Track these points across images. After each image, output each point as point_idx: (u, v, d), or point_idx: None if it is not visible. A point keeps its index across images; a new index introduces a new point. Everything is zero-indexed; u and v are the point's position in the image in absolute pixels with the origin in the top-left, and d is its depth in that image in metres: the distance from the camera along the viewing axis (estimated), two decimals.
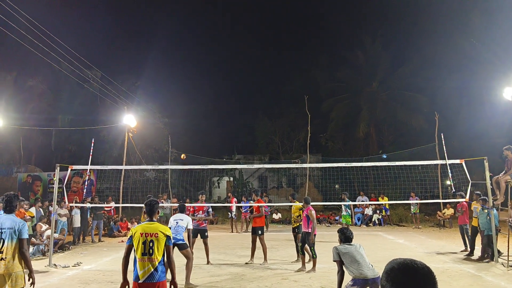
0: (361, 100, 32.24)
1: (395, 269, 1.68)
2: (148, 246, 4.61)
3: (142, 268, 4.58)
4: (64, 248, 13.81)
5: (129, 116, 21.39)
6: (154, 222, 4.89)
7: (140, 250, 4.62)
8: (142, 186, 23.74)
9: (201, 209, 11.35)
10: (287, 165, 23.73)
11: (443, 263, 10.72)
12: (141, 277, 4.55)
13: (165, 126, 29.23)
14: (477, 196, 12.05)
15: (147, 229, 4.72)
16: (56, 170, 11.80)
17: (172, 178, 26.41)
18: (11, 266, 5.05)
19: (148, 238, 4.64)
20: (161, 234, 4.72)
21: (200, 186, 23.17)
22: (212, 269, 10.22)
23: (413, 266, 1.65)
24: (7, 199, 5.40)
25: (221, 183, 33.31)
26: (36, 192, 23.43)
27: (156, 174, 28.13)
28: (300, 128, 33.68)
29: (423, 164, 17.27)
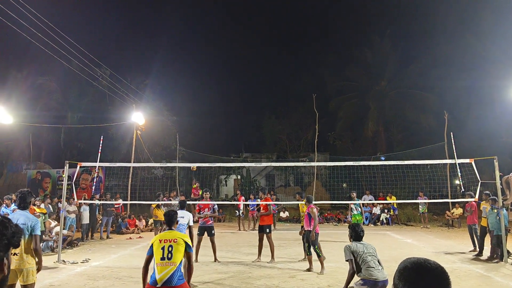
0: (369, 99, 32.11)
1: (408, 268, 1.66)
2: (167, 251, 4.69)
3: (160, 272, 4.60)
4: (72, 245, 13.91)
5: (138, 114, 21.47)
6: (173, 230, 5.09)
7: (159, 255, 4.68)
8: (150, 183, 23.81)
9: (206, 206, 11.34)
10: (295, 163, 23.67)
11: (451, 263, 10.65)
12: (159, 281, 4.56)
13: (173, 124, 29.31)
14: (487, 196, 11.95)
15: (165, 236, 4.86)
16: (65, 167, 11.88)
17: (180, 176, 26.48)
18: (23, 262, 5.13)
19: (167, 243, 4.74)
20: (181, 240, 4.82)
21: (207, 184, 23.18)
22: (219, 267, 10.23)
23: (427, 265, 1.64)
24: (21, 196, 5.49)
25: (229, 181, 33.37)
26: (45, 189, 23.62)
27: (164, 172, 28.23)
28: (308, 127, 33.66)
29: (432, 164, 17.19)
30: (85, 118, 27.31)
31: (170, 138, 28.09)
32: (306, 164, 23.62)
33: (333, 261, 10.21)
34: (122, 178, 21.55)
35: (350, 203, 15.78)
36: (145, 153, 24.28)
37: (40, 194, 21.49)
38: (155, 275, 4.60)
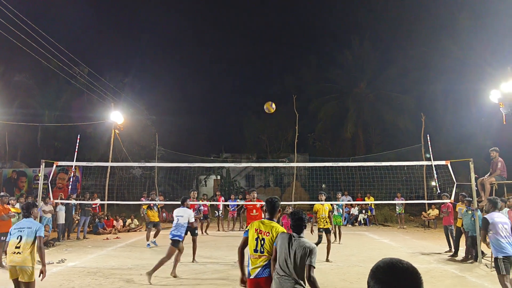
0: (349, 101, 32.40)
1: (380, 268, 1.67)
2: (260, 244, 4.55)
3: (253, 264, 4.54)
4: (48, 245, 13.66)
5: (116, 113, 21.22)
6: (273, 221, 4.75)
7: (253, 246, 4.57)
8: (128, 183, 23.56)
9: (192, 207, 11.35)
10: (275, 164, 23.77)
11: (427, 263, 10.81)
12: (252, 273, 4.53)
13: (152, 124, 29.05)
14: (463, 197, 12.18)
15: (261, 227, 4.65)
16: (41, 166, 11.67)
17: (158, 176, 26.26)
18: (25, 260, 5.91)
19: (260, 236, 4.57)
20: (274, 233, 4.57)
21: (187, 184, 23.06)
22: (197, 267, 10.19)
23: (399, 265, 1.65)
24: (26, 206, 6.36)
25: (208, 181, 33.23)
26: (21, 188, 23.15)
27: (142, 172, 27.95)
28: (288, 128, 33.74)
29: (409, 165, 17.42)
30: (62, 116, 26.84)
31: (149, 137, 27.83)
32: (286, 164, 23.72)
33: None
34: (99, 178, 21.27)
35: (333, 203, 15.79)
36: (124, 153, 24.00)
37: (16, 193, 21.06)
38: (249, 266, 4.56)
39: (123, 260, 11.27)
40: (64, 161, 15.21)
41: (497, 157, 10.87)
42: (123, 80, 29.77)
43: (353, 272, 9.65)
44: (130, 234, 17.73)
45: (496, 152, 10.92)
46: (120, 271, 9.73)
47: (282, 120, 35.14)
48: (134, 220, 19.46)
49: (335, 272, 9.63)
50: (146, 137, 28.04)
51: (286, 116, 33.12)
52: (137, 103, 28.27)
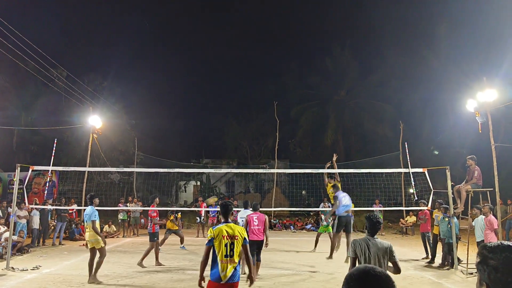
0: (329, 108, 32.68)
1: (353, 276, 1.66)
2: (230, 248, 4.77)
3: (224, 269, 4.70)
4: (23, 251, 13.35)
5: (95, 117, 20.92)
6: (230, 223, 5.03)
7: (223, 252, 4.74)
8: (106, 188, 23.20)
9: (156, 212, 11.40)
10: (255, 170, 23.74)
11: (404, 270, 10.85)
12: (223, 278, 4.67)
13: (131, 128, 28.75)
14: (439, 204, 12.34)
15: (229, 232, 4.85)
16: (16, 170, 11.41)
17: (137, 181, 25.98)
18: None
19: (229, 240, 4.79)
20: (240, 236, 4.90)
21: (166, 190, 22.87)
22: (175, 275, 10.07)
23: (371, 273, 1.64)
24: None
25: (188, 187, 33.03)
26: None
27: (120, 177, 27.60)
28: (269, 134, 33.84)
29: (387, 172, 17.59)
30: (39, 120, 26.30)
31: (128, 142, 27.53)
32: (267, 171, 23.73)
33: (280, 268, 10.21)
34: (76, 183, 20.91)
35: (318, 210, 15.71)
36: (102, 158, 23.66)
37: None
38: (219, 271, 4.68)
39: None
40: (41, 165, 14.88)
41: (473, 165, 11.05)
42: (102, 84, 29.42)
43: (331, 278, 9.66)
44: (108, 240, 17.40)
45: (473, 160, 11.10)
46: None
47: (263, 126, 35.24)
48: (111, 226, 19.17)
49: (315, 280, 9.63)
50: (125, 141, 27.74)
51: (267, 122, 33.24)
52: (116, 107, 27.97)
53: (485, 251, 1.81)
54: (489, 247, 1.81)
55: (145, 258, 10.99)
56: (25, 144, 28.14)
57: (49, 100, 28.14)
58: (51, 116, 25.89)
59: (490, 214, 9.68)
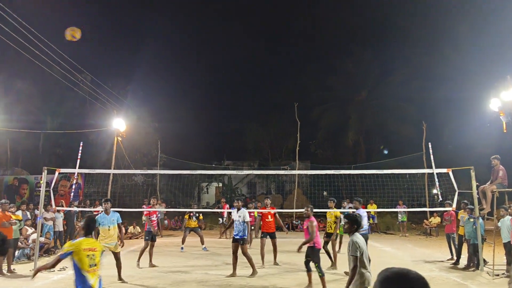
0: (350, 109, 32.46)
1: (389, 278, 1.66)
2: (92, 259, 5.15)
3: (92, 277, 5.07)
4: (49, 252, 13.66)
5: (119, 120, 21.28)
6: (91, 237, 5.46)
7: (88, 262, 5.09)
8: (130, 190, 23.57)
9: (154, 213, 11.70)
10: (276, 171, 23.74)
11: (429, 271, 10.79)
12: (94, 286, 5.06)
13: (154, 131, 29.11)
14: (465, 205, 12.17)
15: (89, 245, 5.22)
16: (43, 173, 11.70)
17: (160, 183, 26.29)
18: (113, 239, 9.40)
19: (91, 252, 5.18)
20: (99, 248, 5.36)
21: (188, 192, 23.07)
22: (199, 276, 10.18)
23: (408, 276, 1.64)
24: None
25: (210, 188, 33.24)
26: (23, 195, 23.17)
27: (144, 179, 27.97)
28: (289, 135, 33.76)
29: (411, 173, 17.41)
30: (65, 124, 26.90)
31: (151, 144, 27.88)
32: (288, 172, 23.72)
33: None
34: (101, 185, 21.29)
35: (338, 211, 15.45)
36: (126, 160, 24.04)
37: (17, 201, 21.09)
38: (88, 281, 5.02)
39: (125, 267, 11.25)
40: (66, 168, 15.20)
41: (498, 165, 10.87)
42: (125, 87, 29.91)
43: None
44: (132, 241, 17.71)
45: (497, 160, 10.92)
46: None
47: (284, 127, 35.19)
48: (136, 228, 19.47)
49: (338, 282, 9.60)
50: (148, 144, 28.10)
51: (288, 124, 33.19)
52: (139, 110, 28.37)
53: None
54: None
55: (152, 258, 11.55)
56: (51, 148, 28.80)
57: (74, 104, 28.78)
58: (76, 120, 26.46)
59: None
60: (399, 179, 19.46)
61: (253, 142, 36.92)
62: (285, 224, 23.06)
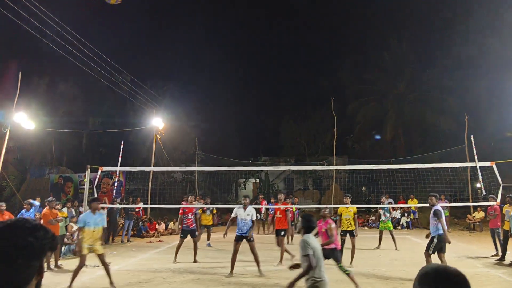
0: (388, 102, 31.91)
1: (429, 274, 1.66)
2: None
3: None
4: None
5: (157, 119, 21.72)
6: None
7: None
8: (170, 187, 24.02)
9: (190, 210, 11.67)
10: (313, 167, 23.66)
11: (473, 267, 10.52)
12: None
13: (192, 129, 29.54)
14: (510, 199, 11.77)
15: None
16: (86, 171, 12.11)
17: (198, 179, 26.67)
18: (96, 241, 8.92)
19: None
20: None
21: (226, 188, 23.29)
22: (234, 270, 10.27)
23: (447, 272, 1.64)
24: None
25: (247, 184, 33.44)
26: (68, 193, 24.02)
27: (183, 176, 28.46)
28: (326, 130, 33.55)
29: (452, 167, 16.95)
30: (106, 123, 27.69)
31: (189, 142, 28.32)
32: (325, 167, 23.58)
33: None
34: (142, 182, 21.82)
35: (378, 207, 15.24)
36: (165, 157, 24.52)
37: (62, 198, 21.90)
38: None
39: (166, 263, 11.53)
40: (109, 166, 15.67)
41: None
42: (163, 87, 30.49)
43: (396, 277, 9.50)
44: (172, 237, 18.07)
45: None
46: (163, 274, 9.98)
47: (320, 122, 35.00)
48: (176, 224, 19.84)
49: (378, 276, 9.51)
50: (186, 142, 28.56)
51: (324, 119, 32.98)
52: (177, 109, 28.85)
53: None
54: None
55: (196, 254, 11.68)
56: (94, 146, 29.72)
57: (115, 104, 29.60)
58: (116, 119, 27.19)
59: None
60: (441, 173, 18.99)
61: (289, 137, 36.89)
62: None
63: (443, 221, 9.01)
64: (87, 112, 29.37)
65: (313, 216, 5.38)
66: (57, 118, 26.74)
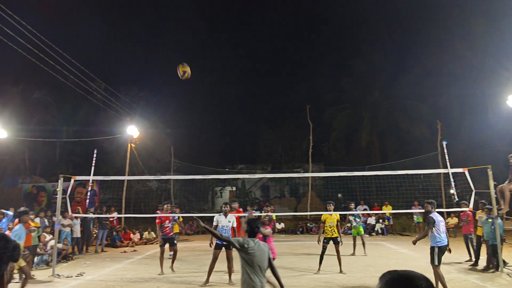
0: (362, 109, 32.31)
1: (394, 280, 1.66)
2: None
3: None
4: (67, 258, 13.82)
5: (132, 127, 21.45)
6: None
7: None
8: (145, 196, 23.71)
9: (167, 219, 11.44)
10: (289, 174, 23.73)
11: (447, 273, 10.64)
12: None
13: (167, 137, 29.27)
14: (483, 205, 11.99)
15: None
16: (59, 180, 11.85)
17: (174, 188, 26.40)
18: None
19: None
20: None
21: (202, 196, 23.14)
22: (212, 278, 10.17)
23: (413, 278, 1.64)
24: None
25: (224, 193, 33.29)
26: (41, 203, 23.45)
27: (158, 184, 28.13)
28: (302, 138, 33.73)
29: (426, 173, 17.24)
30: (80, 131, 27.21)
31: (164, 150, 28.04)
32: (301, 175, 23.69)
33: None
34: (116, 191, 21.48)
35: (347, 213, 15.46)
36: (140, 166, 24.22)
37: (36, 208, 21.37)
38: None
39: (141, 272, 11.34)
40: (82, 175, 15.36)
41: None
42: (138, 95, 30.14)
43: (371, 282, 9.55)
44: (147, 247, 17.82)
45: None
46: (138, 284, 9.80)
47: (296, 130, 35.17)
48: (151, 233, 19.57)
49: (352, 284, 9.55)
50: (162, 150, 28.26)
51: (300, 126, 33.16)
52: (152, 116, 28.57)
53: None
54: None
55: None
56: (67, 155, 29.15)
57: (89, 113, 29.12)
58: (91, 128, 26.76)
59: None
60: (414, 179, 19.29)
61: (266, 145, 36.93)
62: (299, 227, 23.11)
63: (430, 227, 8.77)
64: (61, 120, 28.82)
65: (258, 222, 5.55)
66: (31, 127, 26.18)
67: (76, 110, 29.38)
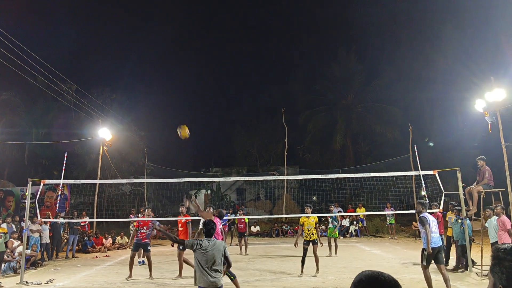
0: (337, 113, 32.58)
1: (362, 282, 1.68)
2: None
3: None
4: (36, 265, 13.45)
5: (104, 130, 21.09)
6: None
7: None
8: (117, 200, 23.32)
9: (146, 224, 11.23)
10: (264, 177, 23.70)
11: (419, 273, 10.76)
12: None
13: (141, 140, 28.89)
14: (452, 206, 12.22)
15: None
16: (28, 184, 11.53)
17: (148, 192, 26.07)
18: None
19: None
20: None
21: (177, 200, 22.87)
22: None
23: (380, 278, 1.66)
24: None
25: (199, 196, 33.04)
26: (9, 208, 22.80)
27: (131, 188, 27.73)
28: (277, 141, 33.82)
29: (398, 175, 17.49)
30: (50, 134, 26.54)
31: (138, 153, 27.66)
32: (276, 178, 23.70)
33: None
34: (88, 195, 21.05)
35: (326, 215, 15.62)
36: (112, 169, 23.82)
37: (3, 213, 20.76)
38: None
39: (113, 278, 11.13)
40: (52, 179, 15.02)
41: (484, 166, 10.97)
42: (111, 96, 29.64)
43: (346, 284, 9.61)
44: (120, 252, 17.53)
45: (483, 161, 11.02)
46: None
47: (271, 132, 35.24)
48: (123, 238, 19.26)
49: (326, 285, 9.59)
50: (135, 153, 27.87)
51: (276, 129, 33.24)
52: (125, 119, 28.16)
53: (500, 253, 1.81)
54: (503, 249, 1.81)
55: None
56: (37, 159, 28.41)
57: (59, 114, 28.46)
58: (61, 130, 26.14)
59: (503, 214, 9.59)
60: (387, 182, 19.55)
61: (241, 148, 36.88)
62: (274, 229, 23.14)
63: (427, 228, 8.44)
64: (30, 122, 28.07)
65: (213, 223, 5.77)
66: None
67: (46, 111, 28.67)
